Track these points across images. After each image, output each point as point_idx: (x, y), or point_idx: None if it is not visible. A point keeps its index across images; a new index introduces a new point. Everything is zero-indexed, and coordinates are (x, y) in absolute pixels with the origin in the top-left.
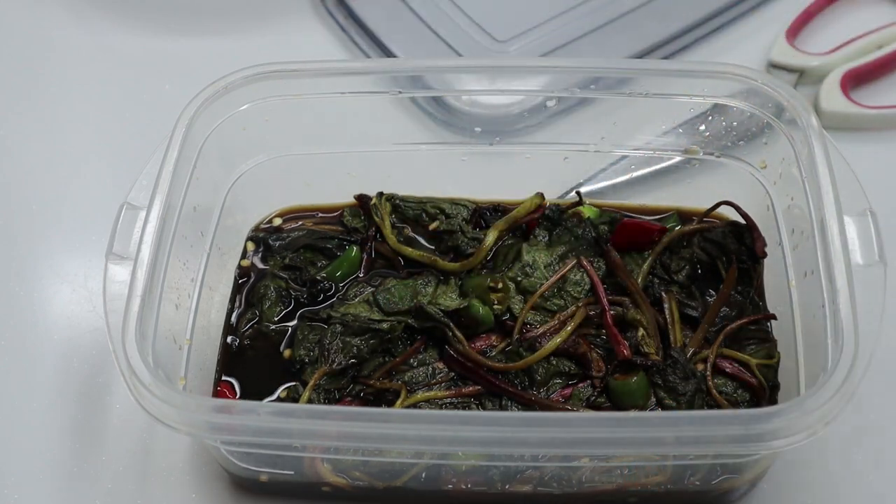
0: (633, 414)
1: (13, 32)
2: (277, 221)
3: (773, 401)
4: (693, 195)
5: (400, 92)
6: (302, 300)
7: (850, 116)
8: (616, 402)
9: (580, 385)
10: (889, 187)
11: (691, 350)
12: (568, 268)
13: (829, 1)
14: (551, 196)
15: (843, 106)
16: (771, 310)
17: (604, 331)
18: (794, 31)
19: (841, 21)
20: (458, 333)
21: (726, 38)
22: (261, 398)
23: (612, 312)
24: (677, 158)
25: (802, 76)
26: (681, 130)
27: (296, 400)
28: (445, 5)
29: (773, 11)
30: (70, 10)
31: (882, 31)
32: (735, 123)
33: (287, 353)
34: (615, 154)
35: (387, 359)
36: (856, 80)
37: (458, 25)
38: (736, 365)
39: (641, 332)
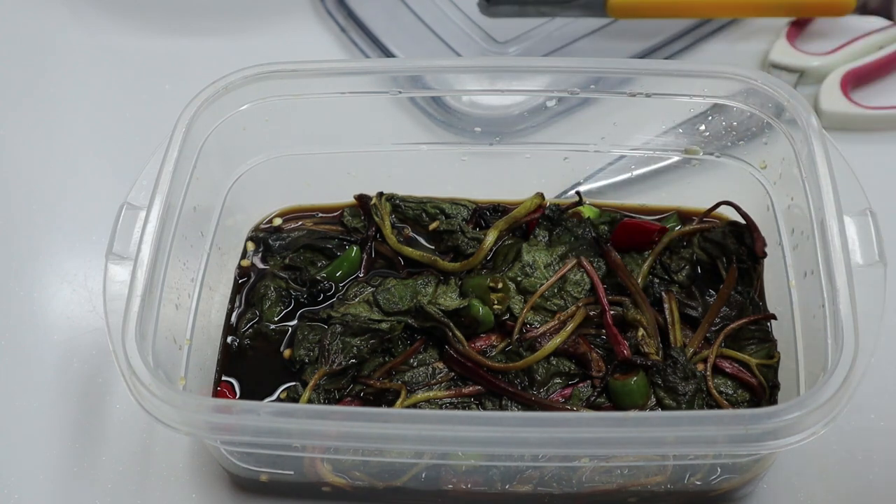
0: (633, 414)
1: (13, 32)
2: (277, 221)
3: (773, 401)
4: (693, 195)
5: (400, 92)
6: (302, 300)
7: (850, 117)
8: (616, 402)
9: (580, 385)
10: (889, 188)
11: (691, 350)
12: (568, 268)
13: None
14: (551, 196)
15: (843, 106)
16: (771, 310)
17: (604, 331)
18: (795, 31)
19: (841, 21)
20: (458, 333)
21: (727, 38)
22: (261, 398)
23: (612, 312)
24: (677, 158)
25: (803, 76)
26: (681, 130)
27: (296, 400)
28: (445, 6)
29: None
30: (70, 9)
31: (882, 31)
32: (735, 123)
33: (287, 353)
34: (615, 154)
35: (387, 359)
36: (856, 80)
37: (457, 26)
38: (736, 365)
39: (641, 332)
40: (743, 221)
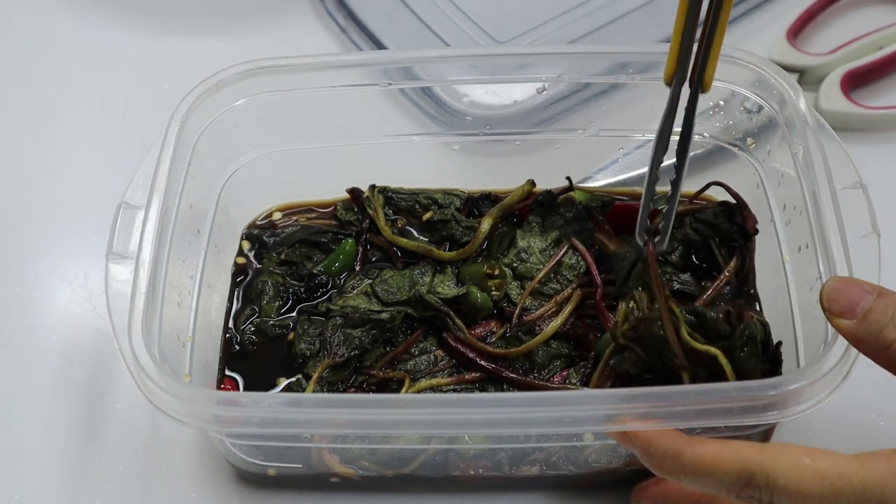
0: (640, 390)
1: (11, 31)
2: (277, 216)
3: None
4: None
5: (390, 83)
6: (300, 295)
7: (850, 116)
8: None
9: (579, 365)
10: (889, 188)
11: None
12: (563, 251)
13: (831, 1)
14: (543, 185)
15: (843, 106)
16: (765, 285)
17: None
18: (795, 31)
19: (841, 21)
20: (459, 321)
21: (727, 39)
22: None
23: (604, 291)
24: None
25: (803, 76)
26: None
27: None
28: (446, 6)
29: (774, 11)
30: (70, 9)
31: (882, 31)
32: (722, 103)
33: (290, 337)
34: (606, 139)
35: (388, 349)
36: (856, 80)
37: (458, 27)
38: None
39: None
40: (733, 201)
